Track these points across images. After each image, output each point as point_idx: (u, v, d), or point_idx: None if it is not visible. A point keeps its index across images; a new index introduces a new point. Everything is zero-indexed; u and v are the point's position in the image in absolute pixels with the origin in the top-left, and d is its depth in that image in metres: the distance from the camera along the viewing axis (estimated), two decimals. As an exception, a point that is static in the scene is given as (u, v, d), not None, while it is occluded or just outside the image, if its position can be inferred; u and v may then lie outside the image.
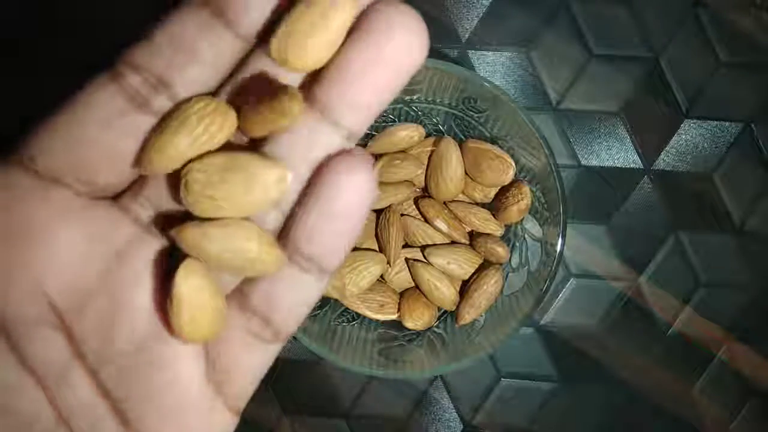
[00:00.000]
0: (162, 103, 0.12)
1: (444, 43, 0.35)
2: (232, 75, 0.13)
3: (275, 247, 0.12)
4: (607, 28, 0.35)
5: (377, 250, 0.32)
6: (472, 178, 0.32)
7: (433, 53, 0.35)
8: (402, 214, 0.32)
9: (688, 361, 0.36)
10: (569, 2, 0.35)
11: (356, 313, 0.32)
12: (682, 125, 0.35)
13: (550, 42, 0.35)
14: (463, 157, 0.31)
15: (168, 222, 0.13)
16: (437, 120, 0.33)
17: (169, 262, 0.13)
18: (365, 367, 0.29)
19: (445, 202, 0.32)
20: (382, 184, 0.31)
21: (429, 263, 0.31)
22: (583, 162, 0.36)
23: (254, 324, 0.13)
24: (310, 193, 0.12)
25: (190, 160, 0.12)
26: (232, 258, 0.12)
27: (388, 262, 0.31)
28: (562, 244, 0.29)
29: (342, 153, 0.12)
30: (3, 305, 0.12)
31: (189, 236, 0.12)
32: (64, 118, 0.12)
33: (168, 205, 0.13)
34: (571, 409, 0.36)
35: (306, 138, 0.12)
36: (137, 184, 0.13)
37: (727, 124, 0.35)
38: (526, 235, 0.32)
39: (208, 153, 0.12)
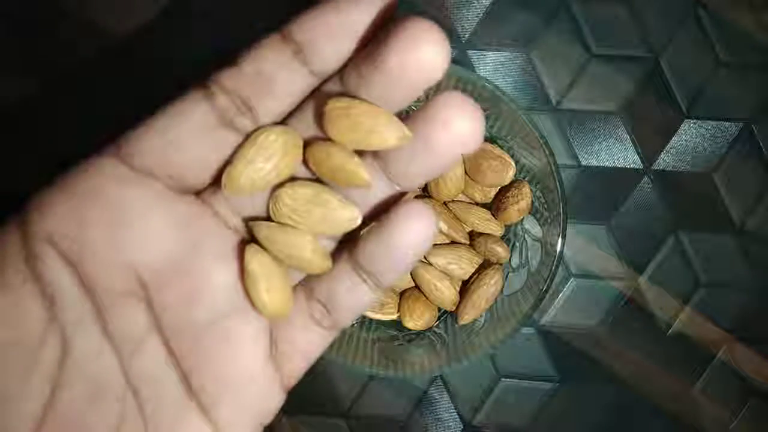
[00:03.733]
0: (245, 123, 0.14)
1: (444, 43, 0.35)
2: (302, 102, 0.15)
3: (325, 257, 0.15)
4: (607, 28, 0.35)
5: (377, 250, 0.32)
6: (472, 178, 0.32)
7: (433, 53, 0.35)
8: (402, 214, 0.32)
9: (688, 361, 0.36)
10: (569, 2, 0.35)
11: (356, 313, 0.32)
12: (682, 125, 0.35)
13: (550, 42, 0.35)
14: (463, 157, 0.31)
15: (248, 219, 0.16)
16: (437, 120, 0.32)
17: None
18: (365, 367, 0.29)
19: (445, 202, 0.32)
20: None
21: (429, 263, 0.31)
22: (583, 162, 0.36)
23: (316, 311, 0.15)
24: (381, 224, 0.14)
25: (279, 185, 0.15)
26: (290, 256, 0.15)
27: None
28: (562, 244, 0.29)
29: (416, 202, 0.14)
30: (97, 277, 0.14)
31: (263, 231, 0.15)
32: (161, 124, 0.14)
33: (241, 204, 0.15)
34: (570, 409, 0.36)
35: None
36: (217, 183, 0.15)
37: (727, 124, 0.35)
38: (526, 235, 0.32)
39: (297, 181, 0.15)
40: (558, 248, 0.29)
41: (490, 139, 0.31)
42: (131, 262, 0.14)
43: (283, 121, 0.15)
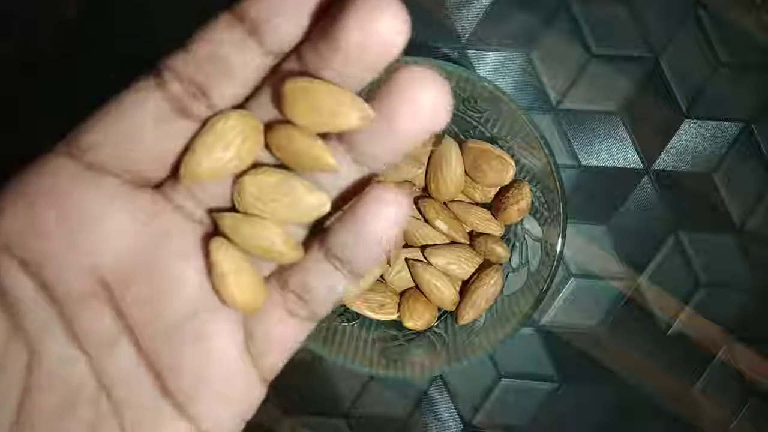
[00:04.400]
0: (201, 109, 0.13)
1: (444, 43, 0.35)
2: (260, 84, 0.14)
3: (296, 247, 0.14)
4: (607, 28, 0.35)
5: (377, 250, 0.32)
6: (472, 178, 0.32)
7: (433, 53, 0.35)
8: (402, 214, 0.32)
9: (688, 361, 0.36)
10: (569, 2, 0.35)
11: (356, 313, 0.32)
12: (682, 125, 0.35)
13: (550, 42, 0.35)
14: (463, 157, 0.31)
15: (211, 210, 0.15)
16: (437, 120, 0.32)
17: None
18: (365, 367, 0.29)
19: (445, 202, 0.32)
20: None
21: (429, 263, 0.31)
22: (583, 162, 0.36)
23: (291, 301, 0.15)
24: (351, 211, 0.13)
25: (242, 173, 0.14)
26: (259, 247, 0.14)
27: (388, 262, 0.31)
28: (562, 244, 0.29)
29: (384, 187, 0.13)
30: (58, 282, 0.13)
31: (228, 223, 0.14)
32: (113, 117, 0.13)
33: (204, 194, 0.14)
34: (570, 409, 0.36)
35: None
36: (176, 175, 0.14)
37: (727, 124, 0.35)
38: (526, 235, 0.32)
39: (261, 168, 0.14)
40: (558, 248, 0.29)
41: (490, 139, 0.31)
42: (92, 263, 0.14)
43: (241, 105, 0.14)
